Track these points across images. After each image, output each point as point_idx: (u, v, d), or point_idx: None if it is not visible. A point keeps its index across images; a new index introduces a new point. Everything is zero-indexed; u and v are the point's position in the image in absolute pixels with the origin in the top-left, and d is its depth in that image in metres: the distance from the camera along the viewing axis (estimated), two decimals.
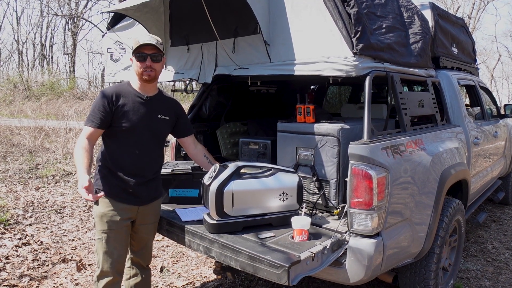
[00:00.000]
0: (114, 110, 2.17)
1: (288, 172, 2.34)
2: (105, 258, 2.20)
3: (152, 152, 2.31)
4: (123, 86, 2.27)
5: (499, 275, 3.47)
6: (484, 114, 4.12)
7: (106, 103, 2.15)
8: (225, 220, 2.18)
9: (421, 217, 2.47)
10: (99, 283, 2.24)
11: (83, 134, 2.15)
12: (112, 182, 2.21)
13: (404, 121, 2.57)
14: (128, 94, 2.23)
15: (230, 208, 2.17)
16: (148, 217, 2.37)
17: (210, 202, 2.14)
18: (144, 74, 2.19)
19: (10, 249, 3.66)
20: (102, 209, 2.20)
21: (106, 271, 2.21)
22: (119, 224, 2.21)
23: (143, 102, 2.25)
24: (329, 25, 2.29)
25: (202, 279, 3.29)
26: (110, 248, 2.20)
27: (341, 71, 2.29)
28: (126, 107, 2.19)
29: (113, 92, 2.19)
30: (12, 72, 21.46)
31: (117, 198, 2.21)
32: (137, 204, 2.27)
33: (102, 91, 2.22)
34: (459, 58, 3.90)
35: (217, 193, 2.13)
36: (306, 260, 1.88)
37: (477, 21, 22.45)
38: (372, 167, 2.09)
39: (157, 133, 2.33)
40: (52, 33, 27.83)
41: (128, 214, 2.24)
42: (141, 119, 2.23)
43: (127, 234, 2.28)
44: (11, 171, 6.28)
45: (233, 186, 2.16)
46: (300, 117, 2.69)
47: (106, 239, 2.19)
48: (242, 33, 2.74)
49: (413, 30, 2.87)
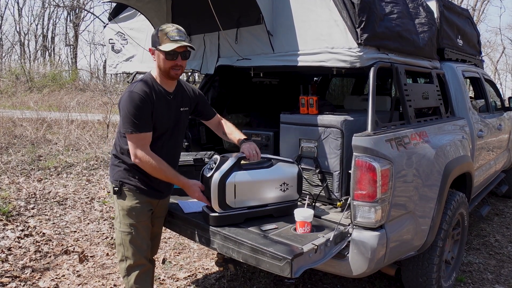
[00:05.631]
0: (153, 111, 2.07)
1: (287, 163, 2.34)
2: (137, 250, 2.18)
3: (178, 147, 2.32)
4: (151, 83, 2.11)
5: (501, 268, 3.46)
6: (488, 107, 4.08)
7: (149, 105, 2.04)
8: (227, 212, 2.16)
9: (425, 210, 2.45)
10: (130, 275, 2.20)
11: (142, 144, 2.03)
12: (137, 176, 2.16)
13: (408, 113, 2.55)
14: (158, 94, 2.11)
15: (232, 199, 2.15)
16: (162, 210, 2.38)
17: (213, 194, 2.11)
18: (172, 72, 2.08)
19: (13, 241, 3.66)
20: (129, 203, 2.16)
21: (138, 262, 2.19)
22: (146, 215, 2.21)
23: (170, 100, 2.18)
24: (334, 15, 2.26)
25: (204, 271, 3.29)
26: (139, 240, 2.18)
27: (345, 62, 2.26)
28: (159, 108, 2.10)
29: (150, 93, 2.06)
30: (14, 64, 21.46)
31: (142, 191, 2.18)
32: (158, 198, 2.26)
33: (138, 92, 2.02)
34: (464, 50, 3.85)
35: (220, 184, 2.10)
36: (308, 252, 1.87)
37: (481, 13, 22.25)
38: (376, 159, 2.06)
39: (182, 127, 2.31)
40: (54, 24, 27.82)
41: (150, 206, 2.24)
42: (170, 118, 2.18)
43: (150, 223, 2.28)
44: (14, 162, 6.29)
45: (235, 177, 2.14)
46: (303, 109, 2.67)
47: (136, 231, 2.16)
48: (245, 24, 2.71)
49: (419, 20, 2.83)
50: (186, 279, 3.16)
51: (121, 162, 2.18)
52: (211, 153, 2.83)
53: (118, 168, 2.19)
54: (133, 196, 2.16)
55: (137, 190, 2.16)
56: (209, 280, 3.13)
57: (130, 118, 2.00)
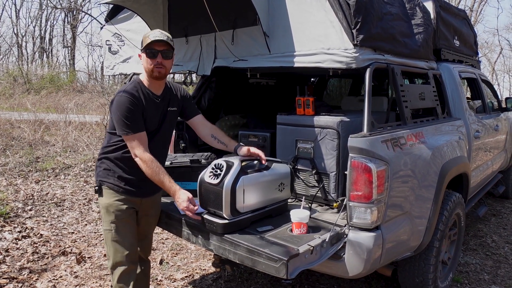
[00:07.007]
0: (143, 113, 2.13)
1: (279, 163, 2.38)
2: (117, 248, 2.19)
3: (166, 147, 2.35)
4: (139, 87, 2.17)
5: (498, 269, 3.47)
6: (485, 108, 4.09)
7: (139, 107, 2.10)
8: (237, 218, 2.12)
9: (421, 210, 2.46)
10: (114, 274, 2.23)
11: (139, 144, 2.07)
12: (116, 175, 2.20)
13: (404, 113, 2.55)
14: (146, 96, 2.17)
15: (242, 204, 2.11)
16: (150, 209, 2.38)
17: (225, 200, 2.04)
18: (155, 71, 2.12)
19: (10, 242, 3.66)
20: (108, 200, 2.19)
21: (120, 261, 2.20)
22: (126, 212, 2.21)
23: (158, 102, 2.22)
24: (329, 16, 2.26)
25: (201, 272, 3.29)
26: (120, 238, 2.19)
27: (341, 63, 2.26)
28: (148, 110, 2.16)
29: (138, 96, 2.12)
30: (12, 66, 21.41)
31: (120, 190, 2.20)
32: (138, 196, 2.26)
33: (127, 96, 2.08)
34: (460, 50, 3.86)
35: (232, 190, 2.05)
36: (304, 253, 1.87)
37: (479, 14, 22.26)
38: (371, 160, 2.07)
39: (170, 128, 2.35)
40: (52, 26, 27.77)
41: (132, 204, 2.24)
42: (158, 119, 2.22)
43: (134, 222, 2.28)
44: (11, 164, 6.28)
45: (244, 181, 2.11)
46: (299, 110, 2.67)
47: (116, 229, 2.18)
48: (241, 25, 2.71)
49: (415, 21, 2.84)
50: (183, 280, 3.15)
51: (102, 161, 2.25)
52: (208, 154, 2.82)
53: (99, 168, 2.25)
54: (111, 194, 2.20)
55: (115, 188, 2.19)
56: (206, 281, 3.13)
57: (123, 120, 2.06)
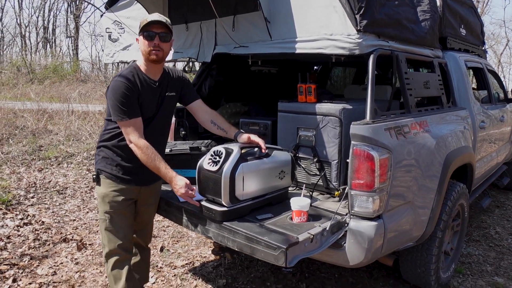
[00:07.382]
0: (138, 98, 2.10)
1: (280, 150, 2.34)
2: (110, 238, 2.18)
3: (162, 135, 2.30)
4: (135, 71, 2.13)
5: (501, 261, 3.44)
6: (491, 98, 4.02)
7: (135, 92, 2.07)
8: (236, 206, 2.10)
9: (424, 200, 2.42)
10: (108, 262, 2.22)
11: (134, 130, 2.03)
12: (114, 164, 2.17)
13: (409, 101, 2.50)
14: (143, 82, 2.13)
15: (241, 192, 2.09)
16: (149, 198, 2.36)
17: (224, 188, 2.02)
18: (152, 53, 2.08)
19: (12, 229, 3.67)
20: (104, 190, 2.17)
21: (113, 250, 2.19)
22: (122, 204, 2.18)
23: (155, 88, 2.18)
24: (332, 0, 2.20)
25: (202, 259, 3.28)
26: (114, 228, 2.18)
27: (343, 49, 2.20)
28: (144, 95, 2.12)
29: (134, 81, 2.08)
30: (16, 56, 21.41)
31: (119, 179, 2.17)
32: (138, 185, 2.24)
33: (123, 81, 2.05)
34: (467, 39, 3.78)
35: (231, 178, 2.02)
36: (304, 241, 1.84)
37: (485, 5, 21.90)
38: (374, 148, 2.03)
39: (168, 114, 2.31)
40: (55, 16, 27.73)
41: (130, 195, 2.22)
42: (156, 105, 2.18)
43: (131, 213, 2.26)
44: (14, 153, 6.29)
45: (243, 168, 2.07)
46: (301, 97, 2.62)
47: (110, 219, 2.17)
48: (242, 10, 2.65)
49: (421, 8, 2.77)
50: (183, 267, 3.15)
51: (101, 149, 2.22)
52: (208, 142, 2.80)
53: (98, 156, 2.23)
54: (109, 183, 2.17)
55: (113, 177, 2.17)
56: (207, 268, 3.13)
57: (118, 106, 2.03)
